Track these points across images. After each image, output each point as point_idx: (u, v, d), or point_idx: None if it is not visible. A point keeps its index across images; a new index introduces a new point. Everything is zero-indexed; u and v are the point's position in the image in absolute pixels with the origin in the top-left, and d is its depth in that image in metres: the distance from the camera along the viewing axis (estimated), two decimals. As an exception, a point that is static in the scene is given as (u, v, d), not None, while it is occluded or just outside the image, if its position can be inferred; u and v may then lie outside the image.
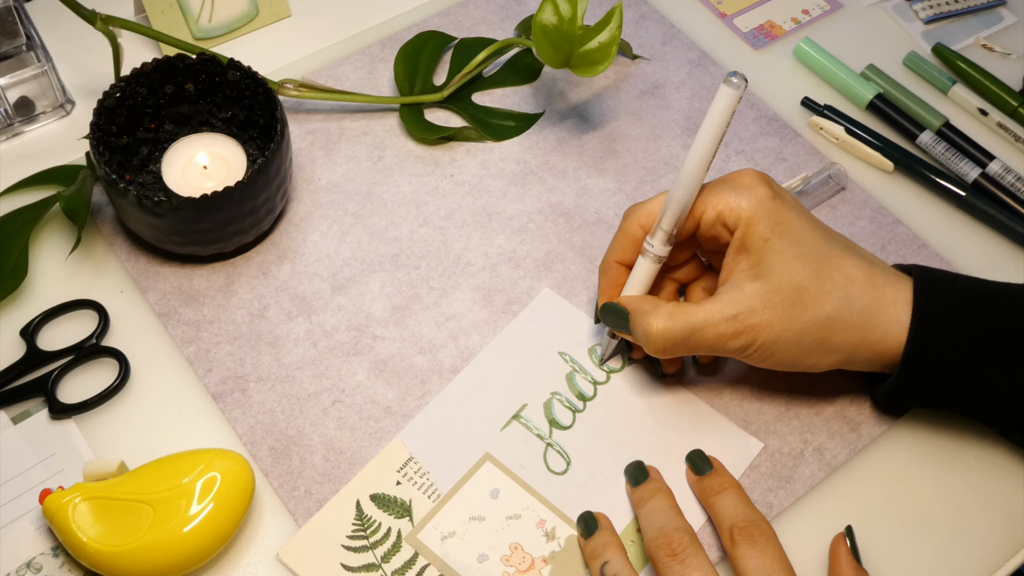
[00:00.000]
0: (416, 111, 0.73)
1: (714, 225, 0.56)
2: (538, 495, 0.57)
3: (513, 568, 0.55)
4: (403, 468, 0.58)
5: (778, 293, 0.54)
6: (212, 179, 0.65)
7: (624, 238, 0.59)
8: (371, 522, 0.56)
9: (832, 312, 0.54)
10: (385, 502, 0.57)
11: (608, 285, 0.60)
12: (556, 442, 0.59)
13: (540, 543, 0.56)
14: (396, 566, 0.55)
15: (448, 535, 0.56)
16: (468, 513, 0.57)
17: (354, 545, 0.55)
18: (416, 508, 0.57)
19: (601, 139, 0.74)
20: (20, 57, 0.72)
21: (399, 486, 0.57)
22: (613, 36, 0.68)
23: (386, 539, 0.56)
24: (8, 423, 0.59)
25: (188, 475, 0.54)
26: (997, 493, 0.60)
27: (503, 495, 0.57)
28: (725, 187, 0.56)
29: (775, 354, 0.55)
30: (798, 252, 0.54)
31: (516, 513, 0.57)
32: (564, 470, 0.58)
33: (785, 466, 0.60)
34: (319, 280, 0.66)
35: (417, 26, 0.79)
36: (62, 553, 0.55)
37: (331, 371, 0.62)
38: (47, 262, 0.66)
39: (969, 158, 0.73)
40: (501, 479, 0.58)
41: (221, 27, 0.77)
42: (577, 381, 0.62)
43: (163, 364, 0.62)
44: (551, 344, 0.63)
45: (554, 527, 0.56)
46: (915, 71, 0.79)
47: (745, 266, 0.55)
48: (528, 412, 0.60)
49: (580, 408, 0.61)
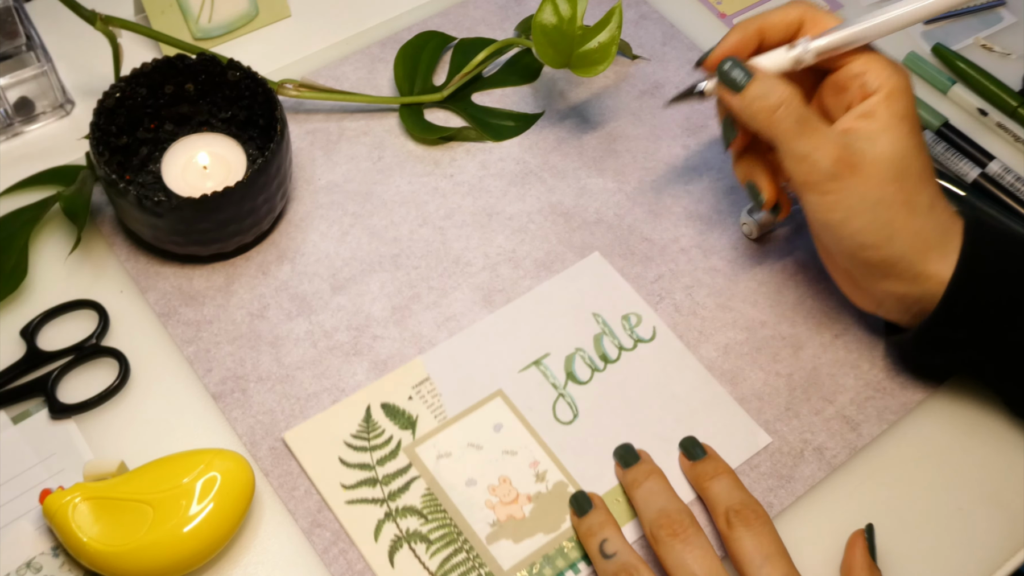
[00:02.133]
0: (416, 111, 0.73)
1: (855, 77, 0.57)
2: (538, 438, 0.59)
3: (497, 498, 0.57)
4: (418, 386, 0.61)
5: (887, 163, 0.55)
6: (212, 179, 0.65)
7: (746, 33, 0.59)
8: (376, 427, 0.59)
9: (914, 219, 0.55)
10: (394, 412, 0.60)
11: (738, 42, 0.59)
12: (569, 394, 0.61)
13: (529, 481, 0.58)
14: (388, 471, 0.58)
15: (444, 455, 0.58)
16: (468, 439, 0.59)
17: (355, 444, 0.59)
18: (421, 424, 0.59)
19: (601, 139, 0.74)
20: (20, 57, 0.72)
21: (410, 400, 0.60)
22: (613, 36, 0.68)
23: (385, 445, 0.58)
24: (8, 423, 0.59)
25: (188, 475, 0.54)
26: (998, 492, 0.60)
27: (505, 430, 0.59)
28: (882, 56, 0.57)
29: (850, 212, 0.55)
30: (915, 144, 0.56)
31: (513, 449, 0.59)
32: (570, 421, 0.60)
33: (785, 465, 0.60)
34: (319, 280, 0.66)
35: (417, 26, 0.79)
36: (62, 553, 0.55)
37: (331, 371, 0.62)
38: (47, 262, 0.66)
39: (969, 158, 0.73)
40: (507, 416, 0.60)
41: (221, 27, 0.77)
42: (604, 343, 0.63)
43: (163, 364, 0.62)
44: (587, 304, 0.65)
45: (546, 470, 0.58)
46: (915, 71, 0.79)
47: (866, 130, 0.55)
48: (549, 361, 0.62)
49: (600, 368, 0.62)
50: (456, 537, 0.56)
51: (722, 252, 0.68)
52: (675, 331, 0.64)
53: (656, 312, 0.65)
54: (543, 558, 0.55)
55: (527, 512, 0.57)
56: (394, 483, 0.57)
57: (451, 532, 0.56)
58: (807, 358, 0.64)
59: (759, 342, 0.64)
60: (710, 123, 0.75)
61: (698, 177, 0.72)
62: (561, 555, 0.56)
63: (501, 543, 0.56)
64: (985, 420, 0.62)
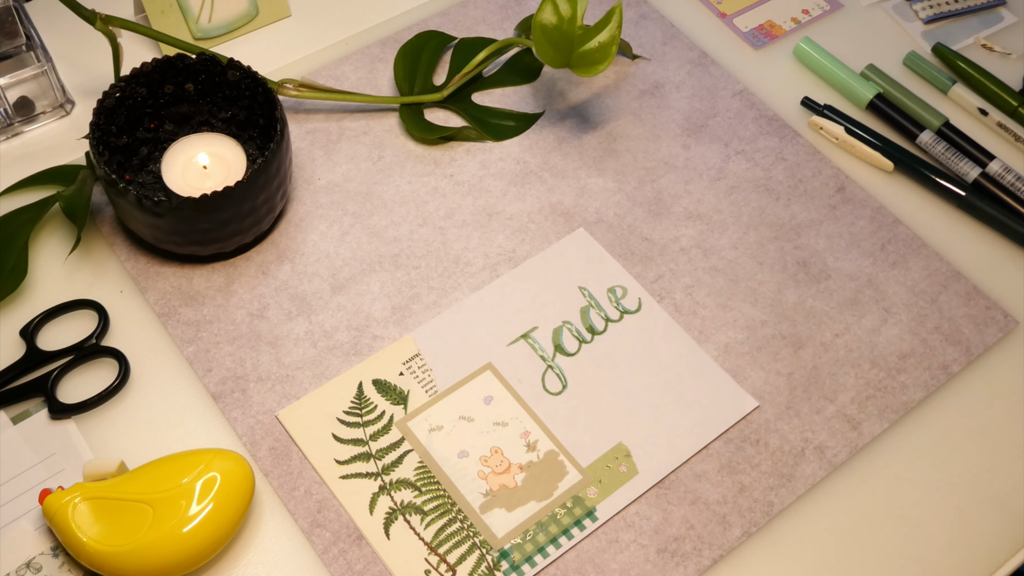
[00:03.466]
0: (416, 111, 0.73)
1: None
2: (529, 409, 0.61)
3: (490, 468, 0.58)
4: (409, 362, 0.62)
5: None
6: (212, 179, 0.65)
7: None
8: (368, 403, 0.60)
9: None
10: (385, 388, 0.61)
11: None
12: (557, 365, 0.62)
13: (520, 451, 0.59)
14: (382, 446, 0.59)
15: (436, 428, 0.60)
16: (459, 412, 0.60)
17: (348, 420, 0.60)
18: (412, 399, 0.61)
19: (601, 139, 0.74)
20: (20, 57, 0.72)
21: (401, 376, 0.61)
22: (613, 36, 0.68)
23: (378, 420, 0.60)
24: (8, 423, 0.59)
25: (188, 475, 0.54)
26: (997, 493, 0.60)
27: (495, 402, 0.61)
28: None
29: None
30: None
31: (504, 421, 0.60)
32: (559, 392, 0.61)
33: (786, 464, 0.60)
34: (319, 280, 0.66)
35: (417, 26, 0.79)
36: (62, 553, 0.55)
37: (331, 371, 0.62)
38: (47, 262, 0.66)
39: (969, 158, 0.73)
40: (497, 388, 0.61)
41: (221, 27, 0.77)
42: (591, 315, 0.64)
43: (163, 364, 0.62)
44: (574, 278, 0.66)
45: (537, 440, 0.60)
46: (915, 71, 0.79)
47: None
48: (537, 334, 0.64)
49: (588, 340, 0.63)
50: (450, 508, 0.57)
51: (722, 252, 0.68)
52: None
53: (640, 284, 0.66)
54: (536, 525, 0.57)
55: (519, 481, 0.58)
56: (387, 457, 0.58)
57: (445, 503, 0.57)
58: (807, 357, 0.64)
59: (759, 341, 0.64)
60: (710, 123, 0.75)
61: (698, 177, 0.72)
62: (554, 521, 0.57)
63: (494, 512, 0.57)
64: (985, 420, 0.62)
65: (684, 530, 0.57)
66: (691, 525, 0.58)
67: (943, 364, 0.64)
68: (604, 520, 0.57)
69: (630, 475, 0.58)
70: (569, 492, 0.58)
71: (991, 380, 0.64)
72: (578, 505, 0.57)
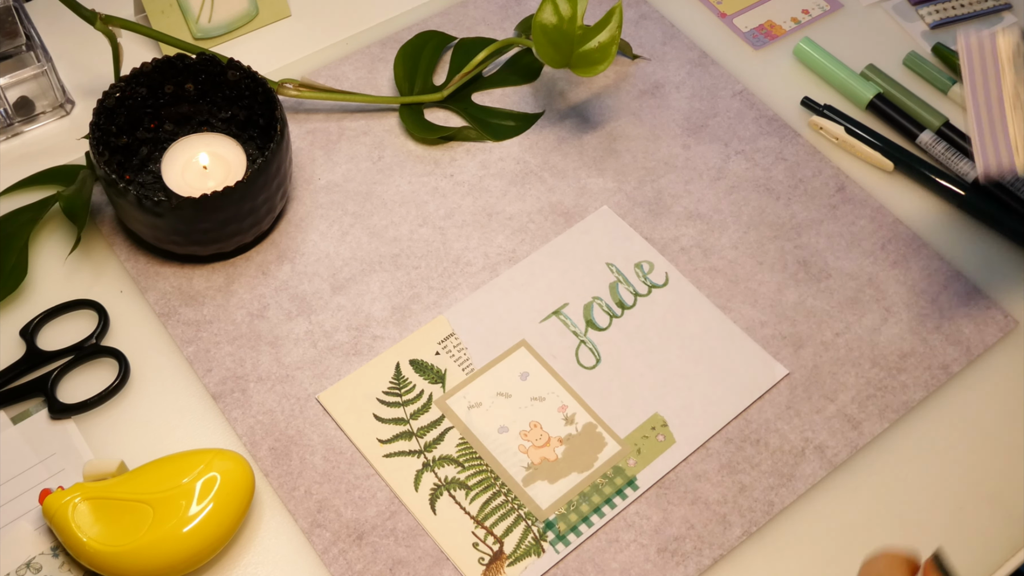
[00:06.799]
0: (416, 111, 0.73)
1: None
2: (564, 383, 0.62)
3: (530, 443, 0.60)
4: (444, 341, 0.63)
5: None
6: (212, 179, 0.65)
7: None
8: (407, 383, 0.61)
9: None
10: (422, 368, 0.62)
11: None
12: (590, 340, 0.63)
13: (559, 425, 0.60)
14: (423, 424, 0.60)
15: (475, 405, 0.61)
16: (496, 389, 0.62)
17: (388, 400, 0.61)
18: (450, 377, 0.62)
19: (601, 139, 0.74)
20: (20, 57, 0.72)
21: (437, 356, 0.63)
22: (613, 36, 0.68)
23: (417, 399, 0.61)
24: (8, 423, 0.59)
25: (188, 475, 0.54)
26: (997, 493, 0.60)
27: (532, 378, 0.62)
28: None
29: None
30: None
31: (541, 396, 0.61)
32: (593, 366, 0.63)
33: (786, 464, 0.60)
34: (319, 280, 0.66)
35: (417, 26, 0.79)
36: (62, 553, 0.55)
37: (331, 371, 0.62)
38: (47, 262, 0.66)
39: (969, 158, 0.73)
40: (532, 364, 0.62)
41: (221, 27, 0.77)
42: (620, 290, 0.66)
43: (163, 364, 0.62)
44: (601, 255, 0.67)
45: (574, 413, 0.61)
46: (915, 71, 0.79)
47: None
48: (568, 310, 0.65)
49: (618, 314, 0.65)
50: (493, 482, 0.58)
51: (722, 252, 0.68)
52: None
53: (666, 258, 0.67)
54: (579, 495, 0.58)
55: (559, 454, 0.59)
56: (429, 435, 0.59)
57: (488, 477, 0.58)
58: (808, 356, 0.64)
59: (760, 341, 0.64)
60: (710, 123, 0.75)
61: (698, 177, 0.72)
62: (597, 491, 0.58)
63: (537, 484, 0.58)
64: (985, 420, 0.62)
65: (684, 530, 0.57)
66: (691, 525, 0.58)
67: (943, 364, 0.64)
68: (645, 488, 0.58)
69: (668, 444, 0.60)
70: (609, 462, 0.59)
71: (991, 380, 0.64)
72: (619, 475, 0.59)
